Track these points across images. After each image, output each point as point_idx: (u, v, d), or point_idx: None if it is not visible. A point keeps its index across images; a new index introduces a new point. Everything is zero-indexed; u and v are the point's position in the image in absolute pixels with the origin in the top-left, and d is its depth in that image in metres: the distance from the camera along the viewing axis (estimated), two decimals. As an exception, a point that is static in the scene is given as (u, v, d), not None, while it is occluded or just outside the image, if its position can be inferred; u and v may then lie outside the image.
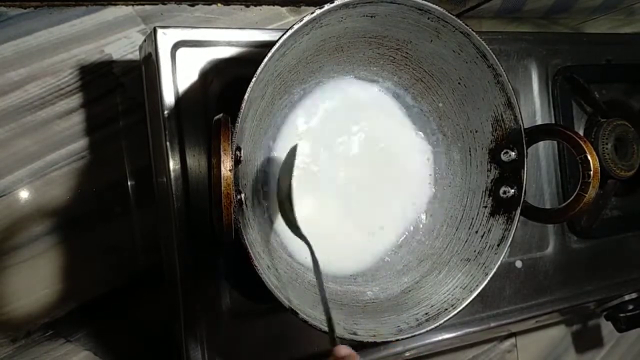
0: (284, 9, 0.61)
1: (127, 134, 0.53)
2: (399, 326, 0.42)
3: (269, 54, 0.36)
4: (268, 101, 0.43)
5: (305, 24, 0.38)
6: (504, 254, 0.44)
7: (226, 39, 0.46)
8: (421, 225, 0.51)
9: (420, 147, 0.52)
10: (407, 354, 0.55)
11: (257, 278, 0.36)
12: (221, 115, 0.35)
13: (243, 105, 0.36)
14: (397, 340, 0.41)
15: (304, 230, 0.40)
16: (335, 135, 0.49)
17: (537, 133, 0.46)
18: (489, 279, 0.44)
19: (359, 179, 0.49)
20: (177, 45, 0.44)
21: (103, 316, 0.52)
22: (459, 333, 0.54)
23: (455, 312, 0.43)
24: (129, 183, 0.53)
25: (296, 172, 0.47)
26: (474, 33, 0.43)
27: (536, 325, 0.72)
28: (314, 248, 0.40)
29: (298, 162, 0.47)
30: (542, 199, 0.59)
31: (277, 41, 0.36)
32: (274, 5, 0.60)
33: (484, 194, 0.48)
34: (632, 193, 0.66)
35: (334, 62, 0.47)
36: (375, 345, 0.51)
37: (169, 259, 0.46)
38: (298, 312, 0.37)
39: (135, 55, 0.53)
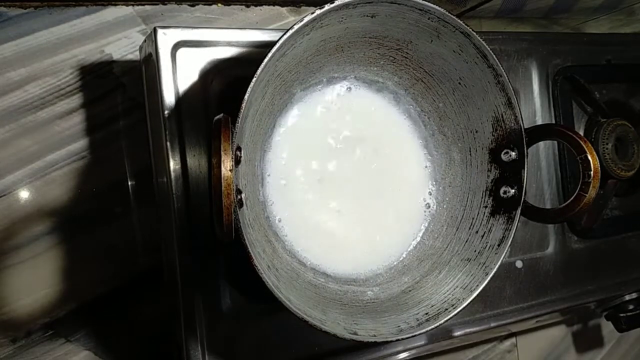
0: (284, 9, 0.61)
1: (127, 134, 0.53)
2: (399, 326, 0.42)
3: (269, 54, 0.36)
4: (268, 101, 0.43)
5: (306, 24, 0.38)
6: (504, 254, 0.44)
7: (226, 39, 0.46)
8: (422, 226, 0.51)
9: (420, 148, 0.52)
10: (407, 353, 0.55)
11: (257, 278, 0.36)
12: (221, 115, 0.35)
13: (243, 105, 0.36)
14: (398, 340, 0.41)
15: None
16: (333, 137, 0.49)
17: (538, 133, 0.46)
18: (489, 278, 0.44)
19: (358, 180, 0.49)
20: (177, 46, 0.44)
21: (103, 316, 0.52)
22: (459, 333, 0.54)
23: (456, 312, 0.43)
24: (129, 183, 0.53)
25: (298, 175, 0.47)
26: (474, 33, 0.43)
27: (536, 325, 0.72)
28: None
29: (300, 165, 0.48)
30: (542, 199, 0.59)
31: (277, 41, 0.36)
32: (274, 5, 0.60)
33: (484, 194, 0.48)
34: (632, 193, 0.66)
35: (334, 63, 0.47)
36: (375, 345, 0.51)
37: (169, 259, 0.46)
38: (298, 312, 0.37)
39: (135, 55, 0.53)
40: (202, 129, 0.45)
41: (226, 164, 0.33)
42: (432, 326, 0.42)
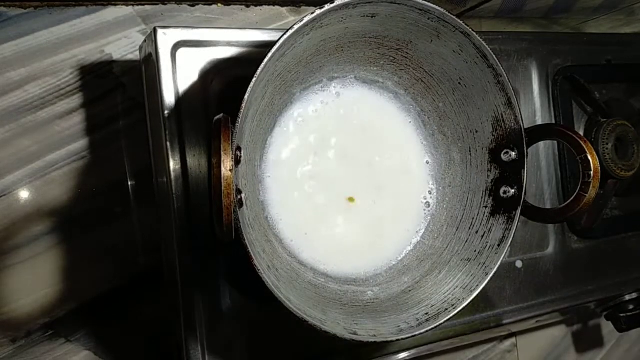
0: (284, 9, 0.61)
1: (127, 134, 0.53)
2: (399, 326, 0.42)
3: (269, 54, 0.36)
4: (268, 101, 0.43)
5: (306, 24, 0.38)
6: (504, 253, 0.44)
7: (226, 39, 0.46)
8: (422, 226, 0.51)
9: (420, 147, 0.52)
10: (407, 353, 0.55)
11: (257, 278, 0.36)
12: (221, 115, 0.35)
13: (243, 105, 0.36)
14: (398, 340, 0.41)
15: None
16: (333, 136, 0.49)
17: (538, 133, 0.46)
18: (489, 278, 0.44)
19: (358, 179, 0.49)
20: (177, 46, 0.44)
21: (103, 316, 0.52)
22: (459, 333, 0.54)
23: (456, 312, 0.43)
24: (129, 183, 0.53)
25: (298, 175, 0.47)
26: (474, 33, 0.43)
27: (536, 325, 0.72)
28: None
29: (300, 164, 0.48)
30: (542, 199, 0.59)
31: (277, 41, 0.36)
32: (274, 5, 0.60)
33: (484, 194, 0.48)
34: (632, 193, 0.66)
35: (334, 63, 0.47)
36: (375, 345, 0.51)
37: (169, 259, 0.46)
38: (298, 312, 0.37)
39: (135, 55, 0.53)
40: (202, 129, 0.45)
41: (226, 164, 0.33)
42: (432, 326, 0.42)
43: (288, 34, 0.37)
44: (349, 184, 0.49)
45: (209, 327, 0.44)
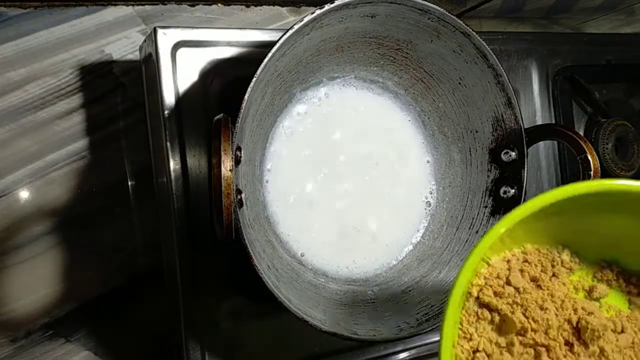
0: (284, 9, 0.61)
1: (127, 134, 0.53)
2: (399, 326, 0.42)
3: (269, 54, 0.36)
4: (268, 101, 0.43)
5: (306, 24, 0.38)
6: (504, 254, 0.44)
7: (226, 39, 0.46)
8: (422, 226, 0.51)
9: (420, 147, 0.52)
10: (407, 353, 0.55)
11: (257, 278, 0.36)
12: (221, 115, 0.35)
13: (243, 105, 0.36)
14: (398, 339, 0.41)
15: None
16: (334, 136, 0.49)
17: (538, 133, 0.46)
18: (489, 279, 0.44)
19: (358, 179, 0.49)
20: (177, 46, 0.44)
21: (103, 316, 0.52)
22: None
23: (456, 312, 0.43)
24: (129, 183, 0.53)
25: (294, 174, 0.47)
26: (474, 33, 0.43)
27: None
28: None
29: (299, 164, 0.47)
30: (542, 199, 0.59)
31: (277, 41, 0.36)
32: (274, 5, 0.60)
33: (484, 194, 0.48)
34: (632, 193, 0.66)
35: (334, 63, 0.47)
36: (375, 344, 0.51)
37: (169, 259, 0.46)
38: (298, 312, 0.37)
39: (135, 55, 0.53)
40: (202, 129, 0.45)
41: (226, 164, 0.33)
42: (432, 326, 0.42)
43: (288, 34, 0.37)
44: (350, 184, 0.49)
45: (209, 327, 0.44)
